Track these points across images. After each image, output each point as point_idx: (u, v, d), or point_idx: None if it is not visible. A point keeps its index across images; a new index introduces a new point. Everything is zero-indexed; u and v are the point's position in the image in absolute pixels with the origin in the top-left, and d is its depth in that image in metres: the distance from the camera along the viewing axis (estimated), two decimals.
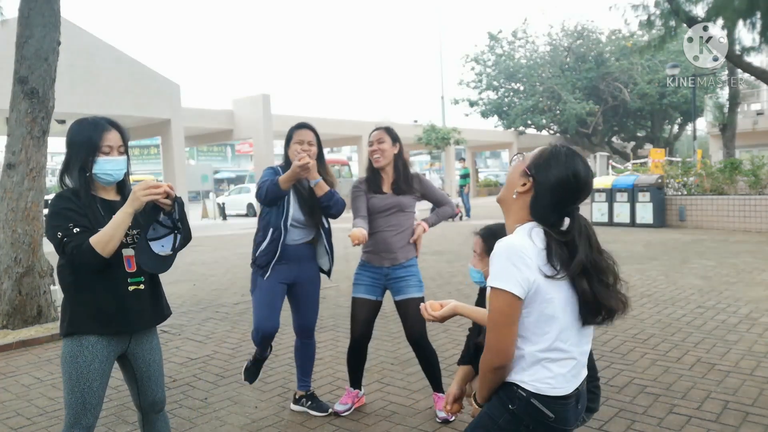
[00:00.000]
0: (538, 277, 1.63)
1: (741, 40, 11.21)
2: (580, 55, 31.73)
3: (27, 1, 5.67)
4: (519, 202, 1.75)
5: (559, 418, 1.70)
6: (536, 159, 1.76)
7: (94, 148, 2.26)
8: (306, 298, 3.44)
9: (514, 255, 1.63)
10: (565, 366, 1.70)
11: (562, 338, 1.68)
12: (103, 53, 14.92)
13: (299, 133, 3.34)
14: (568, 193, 1.71)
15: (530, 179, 1.73)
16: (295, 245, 3.33)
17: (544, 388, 1.68)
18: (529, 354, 1.69)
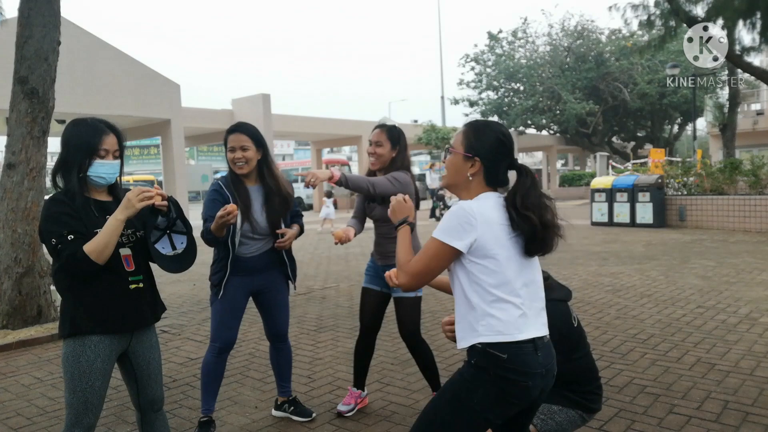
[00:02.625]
0: (482, 237, 1.83)
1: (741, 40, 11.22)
2: (580, 55, 31.73)
3: (27, 1, 5.67)
4: (474, 181, 1.96)
5: (513, 360, 1.81)
6: (469, 141, 1.96)
7: (92, 151, 2.26)
8: (273, 305, 3.32)
9: (464, 217, 1.83)
10: (513, 314, 1.84)
11: (507, 290, 1.84)
12: (103, 53, 14.91)
13: (231, 138, 3.12)
14: (504, 150, 1.96)
15: (475, 159, 1.94)
16: (252, 257, 3.18)
17: (496, 335, 1.82)
18: (479, 306, 1.85)
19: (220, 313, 3.17)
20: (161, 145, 17.67)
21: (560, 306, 2.44)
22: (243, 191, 3.12)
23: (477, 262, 1.85)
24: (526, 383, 1.82)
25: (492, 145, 1.94)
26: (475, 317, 1.86)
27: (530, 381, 1.83)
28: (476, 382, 1.84)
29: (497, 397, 1.83)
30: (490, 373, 1.82)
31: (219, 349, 3.19)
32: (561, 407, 2.39)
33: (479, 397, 1.83)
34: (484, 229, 1.84)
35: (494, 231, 1.85)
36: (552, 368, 1.92)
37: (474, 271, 1.86)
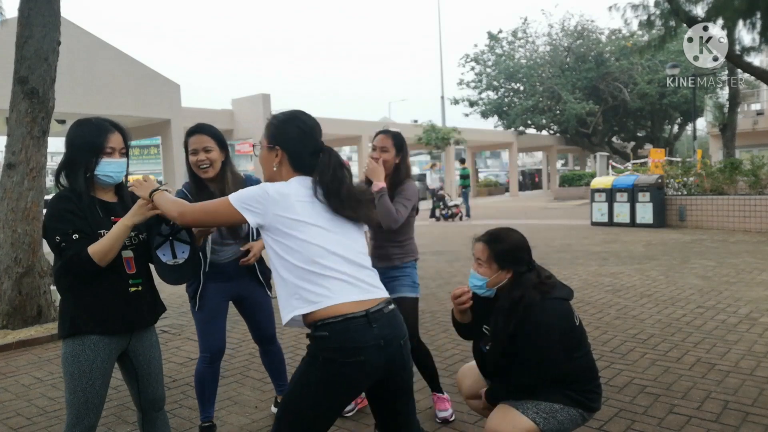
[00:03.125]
0: (277, 216, 1.91)
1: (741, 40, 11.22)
2: (580, 55, 31.73)
3: (27, 1, 5.67)
4: (283, 170, 2.06)
5: (339, 338, 1.84)
6: (271, 134, 2.08)
7: (98, 150, 2.26)
8: (257, 309, 3.27)
9: (260, 194, 1.93)
10: (328, 285, 1.88)
11: (318, 265, 1.89)
12: (103, 53, 14.91)
13: (192, 140, 2.99)
14: (305, 138, 2.06)
15: (277, 149, 2.05)
16: (228, 262, 3.10)
17: (308, 306, 1.87)
18: (289, 280, 1.91)
19: (202, 323, 3.13)
20: (161, 145, 17.69)
21: (563, 304, 2.45)
22: (208, 197, 2.98)
23: (281, 240, 1.92)
24: (358, 358, 1.84)
25: (292, 134, 2.05)
26: (288, 292, 1.92)
27: (363, 356, 1.84)
28: (309, 370, 1.89)
29: (333, 381, 1.86)
30: (320, 359, 1.86)
31: (210, 359, 3.16)
32: (562, 406, 2.40)
33: (315, 384, 1.87)
34: (280, 207, 1.91)
35: (296, 209, 1.92)
36: (396, 337, 1.94)
37: (280, 248, 1.92)
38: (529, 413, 2.35)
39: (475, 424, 3.26)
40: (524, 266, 2.47)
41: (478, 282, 2.49)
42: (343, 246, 1.97)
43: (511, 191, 34.75)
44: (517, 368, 2.41)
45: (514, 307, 2.39)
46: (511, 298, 2.40)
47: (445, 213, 17.66)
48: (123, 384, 4.17)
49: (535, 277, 2.46)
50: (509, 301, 2.40)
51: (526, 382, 2.39)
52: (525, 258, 2.49)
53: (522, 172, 42.83)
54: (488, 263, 2.47)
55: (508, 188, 36.52)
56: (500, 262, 2.45)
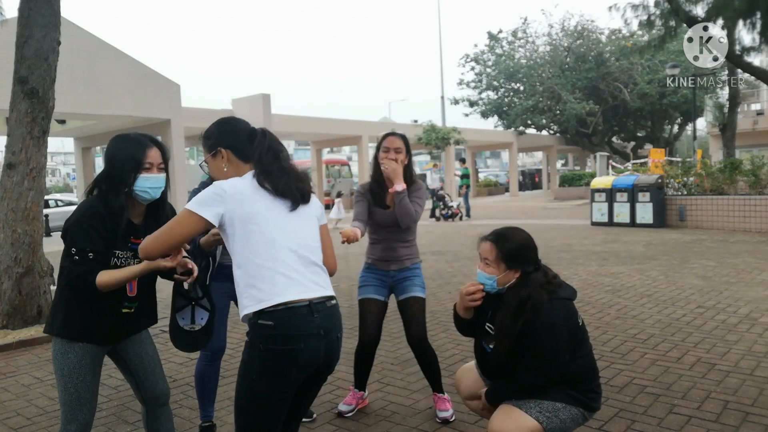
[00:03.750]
0: (233, 208, 1.94)
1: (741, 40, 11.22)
2: (580, 55, 31.73)
3: (27, 1, 5.67)
4: (231, 168, 2.12)
5: (281, 325, 1.87)
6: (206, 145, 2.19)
7: (137, 165, 2.26)
8: None
9: (214, 191, 1.96)
10: (276, 281, 1.91)
11: (267, 258, 1.93)
12: (103, 53, 14.90)
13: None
14: (237, 129, 2.16)
15: (219, 150, 2.13)
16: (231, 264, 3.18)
17: (257, 304, 1.89)
18: (241, 278, 1.95)
19: None
20: None
21: (568, 305, 2.46)
22: None
23: (238, 234, 1.94)
24: (298, 346, 1.88)
25: (223, 130, 2.16)
26: (240, 291, 1.96)
27: (303, 343, 1.88)
28: (251, 360, 1.91)
29: (274, 370, 1.88)
30: (261, 349, 1.88)
31: (210, 357, 3.18)
32: (564, 405, 2.40)
33: (257, 375, 1.90)
34: (235, 201, 1.94)
35: (247, 201, 1.95)
36: (335, 330, 1.99)
37: (236, 242, 1.95)
38: (533, 412, 2.35)
39: (475, 424, 3.26)
40: (531, 266, 2.47)
41: (487, 280, 2.48)
42: (296, 239, 2.00)
43: (511, 191, 34.76)
44: (522, 368, 2.41)
45: (521, 307, 2.38)
46: (518, 297, 2.40)
47: (445, 213, 17.66)
48: (123, 384, 4.17)
49: (542, 276, 2.46)
50: (517, 301, 2.40)
51: (532, 382, 2.39)
52: (532, 257, 2.49)
53: (522, 172, 42.83)
54: (496, 263, 2.46)
55: (508, 188, 36.53)
56: (508, 262, 2.45)
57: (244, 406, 1.96)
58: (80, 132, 18.61)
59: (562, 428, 2.39)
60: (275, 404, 1.94)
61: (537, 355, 2.37)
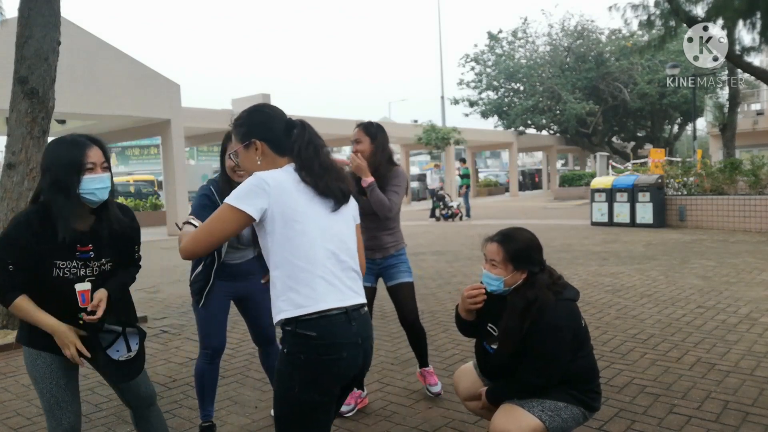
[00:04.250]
0: (277, 204, 1.82)
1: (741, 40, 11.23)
2: (580, 55, 31.72)
3: (27, 1, 5.66)
4: (267, 161, 1.97)
5: (323, 335, 1.79)
6: (239, 134, 2.01)
7: (79, 167, 2.13)
8: (259, 311, 3.27)
9: (256, 183, 1.83)
10: (316, 285, 1.82)
11: (308, 260, 1.83)
12: (103, 53, 14.89)
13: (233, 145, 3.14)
14: (270, 118, 1.99)
15: (253, 142, 1.97)
16: (236, 264, 3.15)
17: (296, 309, 1.80)
18: (279, 279, 1.84)
19: (205, 320, 3.15)
20: (161, 145, 17.64)
21: (572, 306, 2.46)
22: None
23: (273, 234, 1.84)
24: (340, 355, 1.81)
25: (258, 121, 1.99)
26: (276, 294, 1.85)
27: (344, 352, 1.82)
28: (290, 371, 1.83)
29: (316, 380, 1.81)
30: (301, 359, 1.80)
31: (210, 356, 3.18)
32: (566, 404, 2.41)
33: (299, 385, 1.81)
34: (278, 195, 1.83)
35: (289, 196, 1.84)
36: (369, 337, 1.92)
37: (272, 241, 1.85)
38: (535, 411, 2.36)
39: (475, 424, 3.26)
40: (537, 266, 2.46)
41: (494, 282, 2.47)
42: (335, 241, 1.91)
43: (511, 191, 34.74)
44: (524, 368, 2.41)
45: (528, 308, 2.38)
46: (526, 298, 2.40)
47: (445, 213, 17.66)
48: None
49: (547, 277, 2.46)
50: (524, 302, 2.39)
51: (534, 382, 2.39)
52: (538, 258, 2.49)
53: (522, 172, 42.81)
54: (503, 264, 2.44)
55: (508, 188, 36.51)
56: (515, 263, 2.44)
57: (285, 417, 1.88)
58: (80, 132, 18.58)
59: (564, 427, 2.40)
60: (320, 415, 1.87)
61: (540, 355, 2.37)
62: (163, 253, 12.13)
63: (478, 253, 2.67)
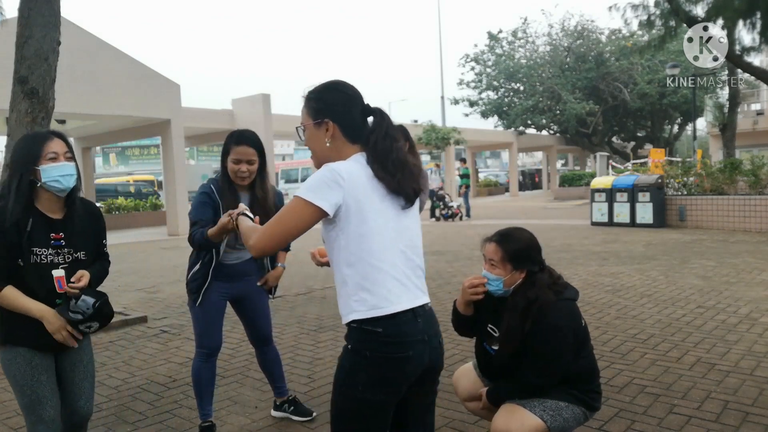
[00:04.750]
0: (350, 198, 1.72)
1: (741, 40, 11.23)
2: (580, 55, 31.72)
3: (27, 1, 5.66)
4: (337, 144, 1.85)
5: (389, 332, 1.73)
6: (312, 109, 1.87)
7: (36, 157, 2.23)
8: (255, 311, 3.29)
9: (329, 176, 1.73)
10: (389, 285, 1.75)
11: (381, 258, 1.75)
12: (103, 53, 14.89)
13: (238, 150, 3.02)
14: (350, 100, 1.87)
15: (325, 122, 1.84)
16: (233, 264, 3.16)
17: (370, 311, 1.73)
18: (351, 279, 1.76)
19: (202, 319, 3.15)
20: (161, 145, 17.64)
21: (573, 306, 2.46)
22: (233, 201, 3.06)
23: (346, 229, 1.75)
24: (406, 353, 1.75)
25: (336, 101, 1.86)
26: (348, 292, 1.77)
27: (411, 350, 1.76)
28: (355, 368, 1.76)
29: (381, 378, 1.75)
30: (367, 356, 1.74)
31: (207, 355, 3.18)
32: (567, 404, 2.41)
33: (363, 383, 1.74)
34: (352, 189, 1.73)
35: (363, 190, 1.75)
36: (436, 334, 1.86)
37: (344, 237, 1.76)
38: (537, 411, 2.36)
39: (475, 424, 3.26)
40: (537, 266, 2.46)
41: (494, 282, 2.46)
42: (405, 239, 1.84)
43: (511, 191, 34.75)
44: (526, 368, 2.41)
45: (529, 308, 2.38)
46: (526, 298, 2.40)
47: (445, 213, 17.66)
48: (123, 384, 4.18)
49: (547, 277, 2.46)
50: (525, 302, 2.39)
51: (535, 382, 2.39)
52: (537, 257, 2.49)
53: (522, 172, 42.81)
54: (502, 264, 2.44)
55: (508, 188, 36.52)
56: (515, 262, 2.43)
57: (345, 415, 1.81)
58: (80, 132, 18.59)
59: (565, 427, 2.40)
60: (379, 413, 1.79)
61: (541, 355, 2.37)
62: (163, 253, 12.14)
63: (478, 253, 2.67)
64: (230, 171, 3.07)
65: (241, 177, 3.05)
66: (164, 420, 3.52)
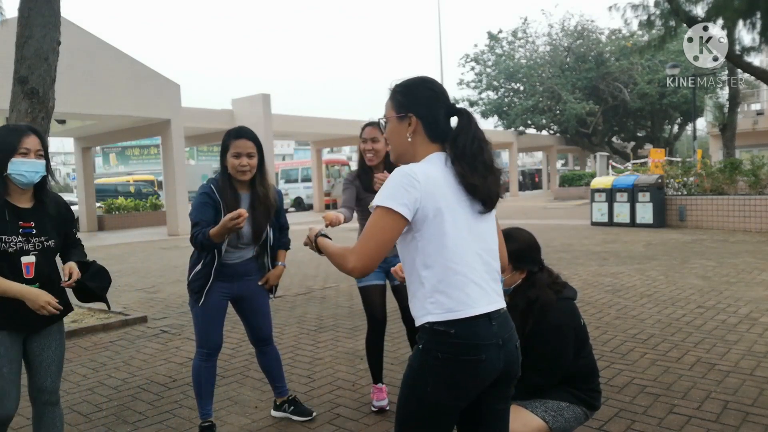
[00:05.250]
0: (427, 200, 1.68)
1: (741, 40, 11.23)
2: (580, 55, 31.73)
3: (27, 1, 5.66)
4: (417, 141, 1.82)
5: (462, 333, 1.68)
6: (398, 102, 1.85)
7: (11, 150, 2.34)
8: (255, 310, 3.30)
9: (405, 179, 1.68)
10: (466, 288, 1.70)
11: (457, 261, 1.70)
12: (103, 53, 14.89)
13: (238, 144, 3.04)
14: (436, 97, 1.83)
15: (409, 117, 1.81)
16: (234, 263, 3.17)
17: (446, 314, 1.69)
18: (428, 281, 1.72)
19: (203, 319, 3.15)
20: (161, 145, 17.64)
21: (572, 305, 2.46)
22: (234, 199, 3.08)
23: (423, 231, 1.71)
24: (479, 356, 1.69)
25: (423, 97, 1.83)
26: (425, 294, 1.73)
27: (484, 354, 1.70)
28: (425, 369, 1.71)
29: (451, 381, 1.69)
30: (438, 357, 1.69)
31: (207, 354, 3.18)
32: (568, 404, 2.41)
33: (432, 385, 1.70)
34: (429, 191, 1.69)
35: (442, 193, 1.71)
36: (511, 338, 1.80)
37: (421, 240, 1.71)
38: (538, 412, 2.36)
39: None
40: (536, 266, 2.46)
41: None
42: (483, 242, 1.79)
43: (511, 191, 34.75)
44: (527, 368, 2.41)
45: (530, 308, 2.38)
46: (527, 298, 2.40)
47: None
48: (123, 384, 4.18)
49: (547, 276, 2.46)
50: (525, 302, 2.40)
51: (536, 382, 2.39)
52: (537, 257, 2.49)
53: (522, 172, 42.83)
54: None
55: (508, 188, 36.51)
56: (515, 263, 2.43)
57: (410, 416, 1.76)
58: (80, 132, 18.60)
59: (566, 427, 2.40)
60: (445, 417, 1.74)
61: (543, 355, 2.38)
62: (163, 253, 12.14)
63: None
64: (231, 167, 3.07)
65: (242, 171, 3.05)
66: (164, 420, 3.52)
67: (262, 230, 3.18)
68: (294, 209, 28.09)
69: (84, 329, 5.60)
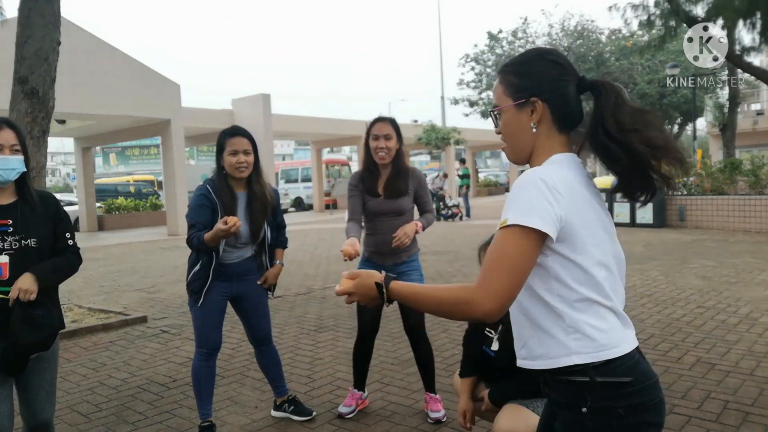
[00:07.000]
0: (569, 213, 1.31)
1: (741, 40, 11.22)
2: (580, 55, 31.72)
3: (27, 1, 5.66)
4: (543, 132, 1.42)
5: (639, 379, 1.35)
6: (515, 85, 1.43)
7: None
8: (254, 310, 3.30)
9: (544, 189, 1.29)
10: (610, 319, 1.37)
11: (595, 287, 1.34)
12: (103, 53, 14.89)
13: (234, 141, 3.05)
14: (564, 72, 1.41)
15: (533, 101, 1.40)
16: (232, 263, 3.17)
17: (598, 351, 1.33)
18: (566, 313, 1.34)
19: (202, 319, 3.16)
20: (161, 145, 17.64)
21: None
22: (231, 199, 3.08)
23: (560, 251, 1.33)
24: (660, 395, 1.38)
25: (544, 72, 1.40)
26: (564, 328, 1.34)
27: (660, 392, 1.39)
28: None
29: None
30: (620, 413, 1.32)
31: (207, 354, 3.19)
32: None
33: None
34: (571, 204, 1.32)
35: (584, 203, 1.37)
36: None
37: (555, 263, 1.33)
38: (540, 411, 2.36)
39: (475, 424, 3.25)
40: None
41: None
42: (622, 265, 1.45)
43: None
44: None
45: None
46: None
47: (445, 213, 17.67)
48: (123, 384, 4.18)
49: None
50: None
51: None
52: None
53: (522, 172, 42.84)
54: None
55: (508, 188, 36.49)
56: None
57: None
58: (80, 132, 18.60)
59: None
60: None
61: None
62: (163, 253, 12.14)
63: None
64: (228, 165, 3.08)
65: (239, 169, 3.06)
66: (164, 420, 3.52)
67: (260, 228, 3.19)
68: (294, 209, 28.09)
69: (84, 329, 5.60)
